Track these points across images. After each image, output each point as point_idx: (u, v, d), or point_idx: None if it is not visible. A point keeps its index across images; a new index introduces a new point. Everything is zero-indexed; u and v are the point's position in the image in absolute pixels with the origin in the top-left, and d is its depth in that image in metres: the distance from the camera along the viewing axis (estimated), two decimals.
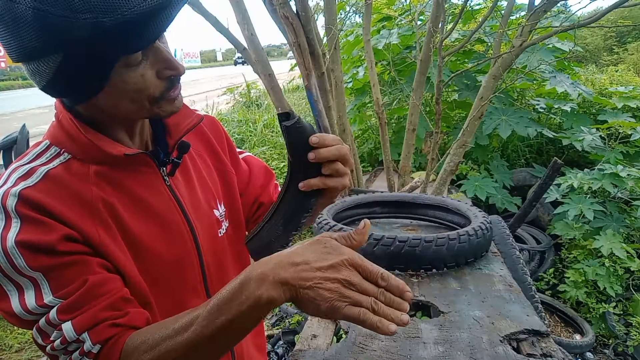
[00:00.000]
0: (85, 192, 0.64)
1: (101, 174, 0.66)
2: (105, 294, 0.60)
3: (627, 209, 3.29)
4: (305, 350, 1.08)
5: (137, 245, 0.67)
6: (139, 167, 0.70)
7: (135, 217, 0.68)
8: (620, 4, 2.21)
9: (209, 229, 0.79)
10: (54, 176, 0.62)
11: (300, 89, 11.97)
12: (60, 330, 0.58)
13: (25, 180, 0.61)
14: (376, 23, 5.17)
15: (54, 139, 0.67)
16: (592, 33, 10.49)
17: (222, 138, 0.88)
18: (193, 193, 0.78)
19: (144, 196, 0.70)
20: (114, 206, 0.66)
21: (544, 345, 1.09)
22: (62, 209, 0.60)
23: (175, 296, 0.73)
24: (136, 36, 0.54)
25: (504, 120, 4.06)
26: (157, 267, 0.70)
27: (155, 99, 0.63)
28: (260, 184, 0.94)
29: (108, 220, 0.64)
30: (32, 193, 0.59)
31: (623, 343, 2.71)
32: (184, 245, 0.74)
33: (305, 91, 2.94)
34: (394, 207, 2.07)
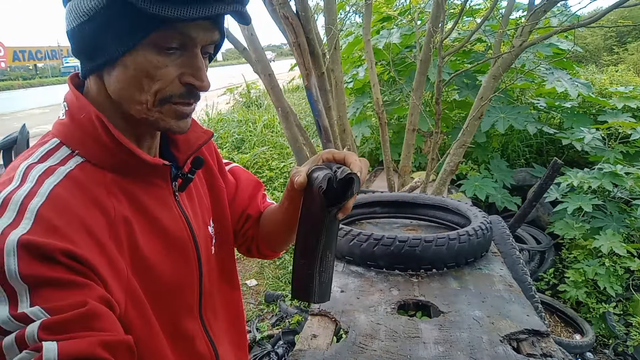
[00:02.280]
0: (106, 202, 0.59)
1: (116, 183, 0.61)
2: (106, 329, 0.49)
3: (627, 209, 3.29)
4: (305, 350, 1.08)
5: (143, 263, 0.63)
6: (154, 180, 0.66)
7: (146, 233, 0.64)
8: (620, 4, 2.21)
9: (207, 248, 0.76)
10: (75, 178, 0.57)
11: (300, 89, 11.97)
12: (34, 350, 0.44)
13: (48, 177, 0.55)
14: (376, 23, 5.16)
15: (66, 138, 0.60)
16: (592, 33, 10.49)
17: (212, 152, 0.84)
18: (194, 210, 0.75)
19: (155, 211, 0.65)
20: (130, 221, 0.61)
21: (544, 345, 1.09)
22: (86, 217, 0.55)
23: (171, 316, 0.69)
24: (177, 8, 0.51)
25: (502, 117, 4.07)
26: (158, 286, 0.65)
27: (163, 99, 0.58)
28: (247, 195, 0.89)
29: (121, 236, 0.60)
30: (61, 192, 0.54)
31: (623, 343, 2.71)
32: (189, 266, 0.71)
33: (305, 91, 2.94)
34: (394, 207, 2.07)
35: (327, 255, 0.69)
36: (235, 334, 0.88)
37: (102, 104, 0.61)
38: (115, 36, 0.54)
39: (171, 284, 0.67)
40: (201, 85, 0.59)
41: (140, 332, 0.61)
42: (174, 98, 0.59)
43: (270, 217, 0.87)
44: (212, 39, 0.59)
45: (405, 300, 1.34)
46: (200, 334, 0.75)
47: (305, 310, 2.96)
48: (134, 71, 0.56)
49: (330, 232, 0.67)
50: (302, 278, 0.69)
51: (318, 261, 0.67)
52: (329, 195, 0.62)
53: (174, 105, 0.59)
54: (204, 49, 0.59)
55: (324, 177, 0.61)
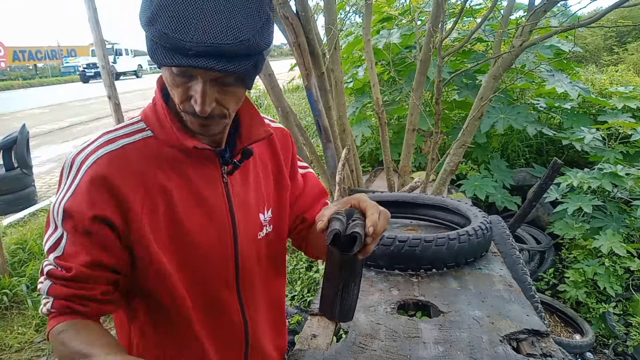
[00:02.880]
0: (148, 174, 0.75)
1: (170, 158, 0.77)
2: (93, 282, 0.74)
3: (627, 209, 3.29)
4: (305, 350, 1.08)
5: (180, 231, 0.77)
6: (204, 161, 0.79)
7: (187, 204, 0.78)
8: (620, 4, 2.21)
9: (251, 231, 0.87)
10: (129, 151, 0.75)
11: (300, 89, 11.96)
12: (41, 280, 0.76)
13: (106, 146, 0.74)
14: (376, 23, 5.16)
15: (145, 117, 0.79)
16: (592, 33, 10.48)
17: (288, 152, 0.96)
18: (246, 194, 0.85)
19: (200, 187, 0.79)
20: (171, 193, 0.76)
21: (544, 345, 1.09)
22: (121, 185, 0.73)
23: (207, 285, 0.82)
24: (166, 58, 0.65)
25: (502, 118, 4.06)
26: (194, 253, 0.79)
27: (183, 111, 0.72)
28: (309, 201, 1.01)
29: (158, 203, 0.75)
30: (104, 163, 0.73)
31: (623, 343, 2.71)
32: (223, 237, 0.82)
33: (305, 91, 2.94)
34: (394, 207, 2.06)
35: (350, 285, 0.80)
36: (275, 319, 1.00)
37: None
38: (152, 55, 0.68)
39: (204, 251, 0.80)
40: (197, 109, 0.69)
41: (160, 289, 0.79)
42: (189, 113, 0.72)
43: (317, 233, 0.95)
44: (216, 75, 0.68)
45: (405, 300, 1.34)
46: (235, 306, 0.87)
47: (305, 310, 2.96)
48: (166, 82, 0.72)
49: (350, 268, 0.78)
50: (327, 299, 0.82)
51: (340, 289, 0.79)
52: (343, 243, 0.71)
53: (193, 118, 0.72)
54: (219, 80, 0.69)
55: (331, 232, 0.69)
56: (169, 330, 0.84)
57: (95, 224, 0.72)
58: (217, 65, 0.63)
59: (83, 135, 9.49)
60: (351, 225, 0.70)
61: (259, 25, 0.65)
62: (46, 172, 6.83)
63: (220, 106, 0.71)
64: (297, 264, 3.58)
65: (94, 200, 0.72)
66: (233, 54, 0.64)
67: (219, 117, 0.73)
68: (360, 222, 0.71)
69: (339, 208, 0.76)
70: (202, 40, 0.61)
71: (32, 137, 5.97)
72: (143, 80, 26.77)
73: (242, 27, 0.63)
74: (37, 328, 2.93)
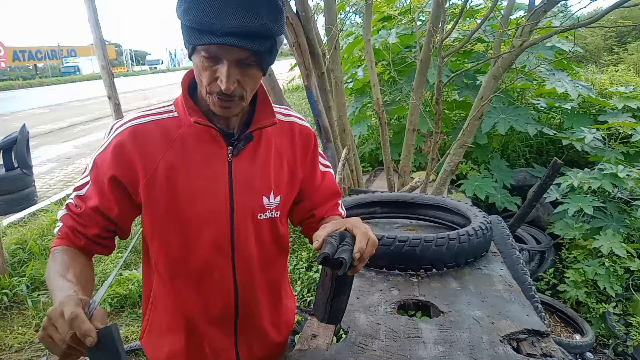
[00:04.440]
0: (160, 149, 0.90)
1: (186, 135, 0.91)
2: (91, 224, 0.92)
3: (627, 209, 3.29)
4: (305, 350, 1.08)
5: (176, 196, 0.91)
6: (212, 140, 0.92)
7: (189, 176, 0.91)
8: (620, 4, 2.21)
9: (250, 209, 0.96)
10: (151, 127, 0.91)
11: (300, 89, 11.96)
12: (63, 209, 0.95)
13: (137, 119, 0.92)
14: (377, 23, 5.16)
15: (175, 102, 0.95)
16: (592, 33, 10.49)
17: (308, 148, 1.04)
18: (249, 175, 0.95)
19: (204, 162, 0.91)
20: (177, 164, 0.90)
21: (544, 345, 1.09)
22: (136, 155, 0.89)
23: (198, 246, 0.94)
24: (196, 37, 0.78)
25: (503, 119, 4.06)
26: (186, 217, 0.92)
27: (209, 92, 0.84)
28: (321, 199, 1.09)
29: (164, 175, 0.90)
30: (129, 133, 0.89)
31: (623, 343, 2.71)
32: (216, 207, 0.92)
33: (305, 91, 2.94)
34: (394, 207, 2.06)
35: (340, 295, 0.90)
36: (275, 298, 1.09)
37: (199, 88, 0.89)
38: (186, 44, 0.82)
39: (195, 218, 0.92)
40: (222, 87, 0.80)
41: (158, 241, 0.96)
42: (214, 94, 0.83)
43: None
44: (238, 57, 0.79)
45: (405, 300, 1.34)
46: (227, 269, 0.97)
47: (305, 310, 2.96)
48: (195, 68, 0.84)
49: (340, 282, 0.88)
50: (319, 304, 0.92)
51: (330, 297, 0.89)
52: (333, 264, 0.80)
53: (216, 98, 0.84)
54: (241, 61, 0.80)
55: (321, 254, 0.78)
56: (165, 283, 0.99)
57: (108, 181, 0.89)
58: (241, 43, 0.75)
59: (83, 135, 9.49)
60: (340, 250, 0.79)
61: (276, 13, 0.78)
62: (46, 172, 6.83)
63: (240, 87, 0.83)
64: (297, 264, 3.58)
65: (113, 162, 0.88)
66: (255, 35, 0.76)
67: (239, 99, 0.84)
68: (349, 247, 0.80)
69: (334, 229, 0.85)
70: (230, 24, 0.74)
71: (32, 137, 5.96)
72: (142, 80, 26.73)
73: (263, 14, 0.76)
74: (37, 328, 2.93)
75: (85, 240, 0.92)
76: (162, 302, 1.02)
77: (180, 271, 0.97)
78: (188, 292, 0.98)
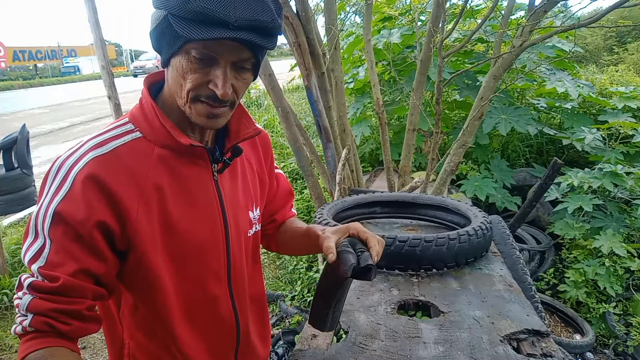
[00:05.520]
0: (141, 174, 0.75)
1: (162, 157, 0.78)
2: (79, 295, 0.71)
3: (627, 209, 3.29)
4: (305, 350, 1.08)
5: (172, 225, 0.78)
6: (195, 159, 0.81)
7: (179, 201, 0.79)
8: (621, 4, 2.21)
9: (242, 227, 0.90)
10: (120, 153, 0.74)
11: (300, 89, 11.95)
12: (19, 296, 0.71)
13: (97, 149, 0.73)
14: (377, 23, 5.16)
15: (133, 118, 0.79)
16: (592, 33, 10.49)
17: (268, 154, 1.00)
18: (234, 192, 0.88)
19: (192, 185, 0.81)
20: (163, 190, 0.77)
21: (544, 345, 1.09)
22: (116, 187, 0.72)
23: (198, 276, 0.83)
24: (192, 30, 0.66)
25: (504, 119, 4.06)
26: (186, 250, 0.81)
27: (193, 98, 0.73)
28: (281, 203, 1.06)
29: (152, 203, 0.76)
30: (97, 165, 0.72)
31: (623, 343, 2.71)
32: (215, 233, 0.84)
33: (305, 91, 2.94)
34: (394, 207, 2.07)
35: (340, 301, 0.89)
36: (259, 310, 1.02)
37: (168, 96, 0.79)
38: (166, 43, 0.71)
39: (196, 246, 0.81)
40: (218, 92, 0.71)
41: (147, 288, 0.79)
42: (202, 97, 0.72)
43: (290, 235, 1.05)
44: (240, 57, 0.71)
45: (405, 300, 1.34)
46: (226, 299, 0.88)
47: (305, 310, 2.96)
48: (176, 71, 0.72)
49: (345, 289, 0.87)
50: (319, 313, 0.90)
51: (334, 305, 0.87)
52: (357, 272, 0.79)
53: (202, 105, 0.73)
54: (238, 64, 0.72)
55: (350, 266, 0.76)
56: (153, 334, 0.84)
57: (89, 228, 0.70)
58: (257, 39, 0.68)
59: (83, 135, 9.49)
60: (362, 258, 0.78)
61: (280, 9, 0.73)
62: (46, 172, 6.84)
63: (233, 93, 0.74)
64: (297, 264, 3.58)
65: (90, 202, 0.70)
66: (267, 31, 0.70)
67: (229, 106, 0.76)
68: (367, 252, 0.79)
69: (340, 237, 0.82)
70: (245, 16, 0.66)
71: (32, 137, 5.96)
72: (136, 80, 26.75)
73: (273, 9, 0.70)
74: None
75: (75, 322, 0.71)
76: (147, 356, 0.86)
77: (175, 314, 0.82)
78: (185, 336, 0.85)
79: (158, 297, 0.80)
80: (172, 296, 0.81)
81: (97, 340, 2.78)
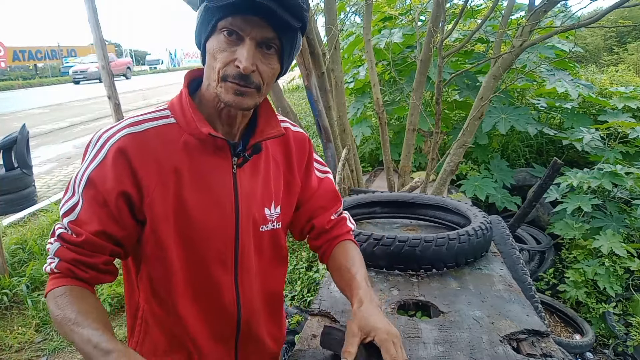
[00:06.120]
0: (164, 156, 0.83)
1: (187, 144, 0.85)
2: (97, 251, 0.81)
3: (627, 209, 3.29)
4: (305, 350, 1.08)
5: (184, 207, 0.85)
6: (217, 151, 0.87)
7: (194, 186, 0.85)
8: (621, 4, 2.21)
9: (253, 222, 0.93)
10: (150, 134, 0.83)
11: (300, 89, 11.96)
12: (51, 242, 0.82)
13: (132, 127, 0.83)
14: (377, 23, 5.16)
15: (171, 106, 0.88)
16: (592, 33, 10.49)
17: (304, 155, 1.02)
18: (253, 187, 0.92)
19: (209, 173, 0.87)
20: (181, 173, 0.84)
21: (544, 345, 1.09)
22: (140, 164, 0.81)
23: (204, 264, 0.89)
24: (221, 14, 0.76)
25: (504, 119, 4.06)
26: (195, 232, 0.86)
27: (223, 77, 0.79)
28: (320, 205, 1.05)
29: (169, 184, 0.83)
30: (128, 141, 0.81)
31: (623, 343, 2.71)
32: (224, 222, 0.88)
33: (305, 91, 2.94)
34: (394, 207, 2.06)
35: None
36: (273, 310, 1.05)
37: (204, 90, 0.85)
38: (204, 29, 0.80)
39: (204, 232, 0.87)
40: (241, 66, 0.76)
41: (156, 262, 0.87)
42: (229, 77, 0.79)
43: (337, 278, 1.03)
44: (263, 35, 0.77)
45: (405, 300, 1.34)
46: (230, 287, 0.92)
47: (305, 310, 2.96)
48: (209, 54, 0.80)
49: None
50: None
51: None
52: None
53: (231, 83, 0.79)
54: (262, 43, 0.78)
55: None
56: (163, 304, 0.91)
57: (114, 197, 0.80)
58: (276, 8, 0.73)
59: (83, 135, 9.49)
60: None
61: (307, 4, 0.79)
62: (46, 172, 6.83)
63: (258, 75, 0.79)
64: (297, 264, 3.58)
65: (117, 174, 0.80)
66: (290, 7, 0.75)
67: (255, 88, 0.80)
68: None
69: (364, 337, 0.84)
70: None
71: (32, 137, 5.96)
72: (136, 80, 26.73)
73: None
74: (37, 328, 2.93)
75: (92, 272, 0.82)
76: (157, 323, 0.93)
77: (180, 291, 0.89)
78: (187, 313, 0.91)
79: (166, 270, 0.87)
80: (178, 272, 0.87)
81: None
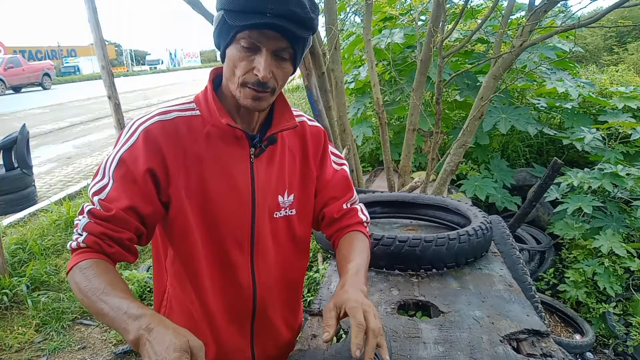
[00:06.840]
0: (189, 144, 0.91)
1: (210, 134, 0.93)
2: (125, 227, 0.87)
3: (627, 209, 3.29)
4: (305, 350, 1.08)
5: (206, 191, 0.92)
6: (236, 141, 0.95)
7: (215, 172, 0.93)
8: (621, 4, 2.21)
9: (268, 208, 1.00)
10: (178, 122, 0.92)
11: (300, 89, 11.96)
12: (79, 219, 0.88)
13: (162, 115, 0.92)
14: (378, 23, 5.16)
15: (197, 100, 0.96)
16: (592, 33, 10.50)
17: (319, 147, 1.09)
18: (268, 176, 0.99)
19: (229, 161, 0.94)
20: (204, 160, 0.92)
21: (544, 345, 1.09)
22: (168, 148, 0.89)
23: (221, 241, 0.96)
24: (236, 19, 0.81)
25: (504, 118, 4.06)
26: (214, 214, 0.93)
27: (242, 83, 0.86)
28: (332, 194, 1.10)
29: (192, 169, 0.91)
30: (158, 127, 0.89)
31: (623, 343, 2.71)
32: (242, 208, 0.96)
33: (305, 91, 2.94)
34: (394, 207, 2.06)
35: None
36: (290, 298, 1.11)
37: (225, 86, 0.94)
38: (223, 36, 0.87)
39: (223, 215, 0.94)
40: (260, 75, 0.83)
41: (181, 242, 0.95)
42: (248, 84, 0.86)
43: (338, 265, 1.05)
44: (278, 45, 0.84)
45: (405, 300, 1.34)
46: (246, 269, 0.99)
47: (305, 310, 2.96)
48: (229, 61, 0.87)
49: None
50: None
51: None
52: None
53: (249, 89, 0.86)
54: (277, 52, 0.85)
55: None
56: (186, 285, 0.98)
57: (143, 174, 0.87)
58: (289, 26, 0.80)
59: (83, 135, 9.50)
60: None
61: (316, 10, 0.85)
62: (46, 172, 6.83)
63: (274, 80, 0.87)
64: None
65: (147, 154, 0.87)
66: (300, 23, 0.81)
67: (271, 91, 0.88)
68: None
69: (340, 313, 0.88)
70: (281, 8, 0.79)
71: (32, 137, 5.96)
72: (142, 79, 26.62)
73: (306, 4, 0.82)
74: (37, 328, 2.93)
75: (118, 247, 0.87)
76: (180, 305, 1.01)
77: (202, 270, 0.96)
78: (207, 292, 0.98)
79: (191, 250, 0.94)
80: (201, 252, 0.95)
81: (97, 340, 2.77)
